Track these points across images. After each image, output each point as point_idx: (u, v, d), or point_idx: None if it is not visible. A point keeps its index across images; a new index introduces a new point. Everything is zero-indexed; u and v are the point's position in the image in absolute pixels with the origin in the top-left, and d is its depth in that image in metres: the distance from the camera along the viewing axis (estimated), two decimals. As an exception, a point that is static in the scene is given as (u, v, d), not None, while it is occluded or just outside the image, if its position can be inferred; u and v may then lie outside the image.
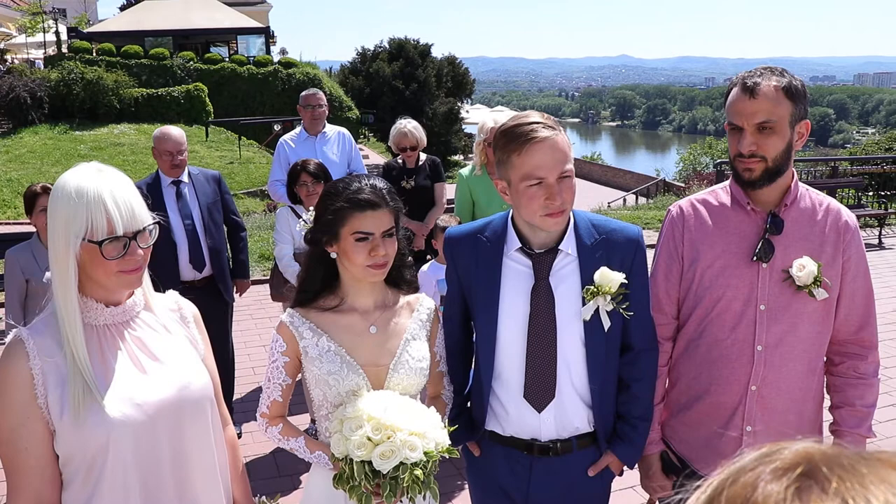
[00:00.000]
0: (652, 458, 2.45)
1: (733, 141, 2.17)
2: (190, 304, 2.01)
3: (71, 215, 1.65)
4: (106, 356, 1.74)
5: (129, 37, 31.58)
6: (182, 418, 1.79)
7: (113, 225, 1.66)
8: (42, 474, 1.67)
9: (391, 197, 2.12)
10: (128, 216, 1.68)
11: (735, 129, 2.15)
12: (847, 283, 2.25)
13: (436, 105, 40.67)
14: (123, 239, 1.68)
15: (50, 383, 1.65)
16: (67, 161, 20.85)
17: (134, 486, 1.71)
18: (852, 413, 2.29)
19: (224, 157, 23.53)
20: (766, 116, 2.09)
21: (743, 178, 2.19)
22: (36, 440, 1.66)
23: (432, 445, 1.96)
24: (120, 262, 1.69)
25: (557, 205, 2.05)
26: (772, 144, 2.12)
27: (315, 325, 2.15)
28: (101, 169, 1.72)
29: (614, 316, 2.15)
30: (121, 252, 1.69)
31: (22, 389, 1.64)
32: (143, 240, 1.73)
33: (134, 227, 1.70)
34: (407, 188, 5.50)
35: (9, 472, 1.68)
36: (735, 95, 2.15)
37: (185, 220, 4.65)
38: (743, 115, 2.12)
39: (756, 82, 2.11)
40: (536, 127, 2.05)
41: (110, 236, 1.66)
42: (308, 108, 5.77)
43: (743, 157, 2.14)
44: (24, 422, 1.65)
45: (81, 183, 1.67)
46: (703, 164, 36.67)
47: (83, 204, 1.65)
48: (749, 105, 2.10)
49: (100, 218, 1.65)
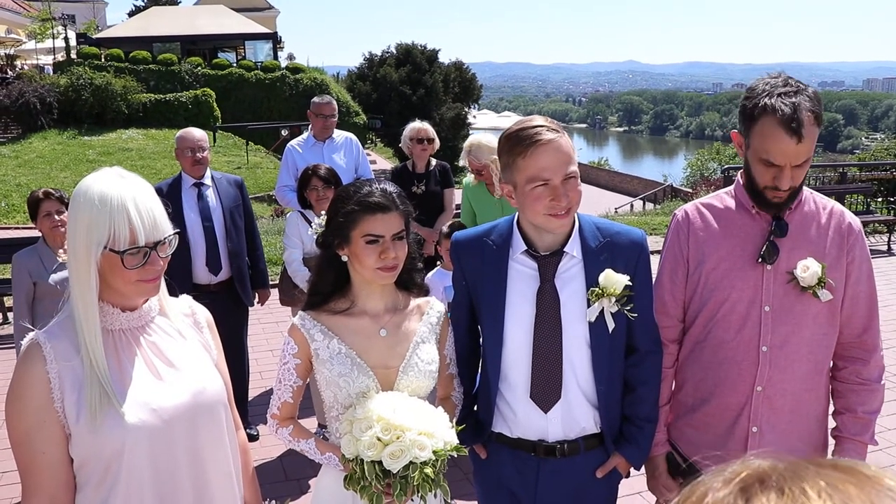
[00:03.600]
0: (658, 460, 2.46)
1: (766, 173, 2.12)
2: (203, 308, 2.02)
3: (94, 222, 1.64)
4: (122, 361, 1.75)
5: (138, 42, 31.79)
6: (197, 423, 1.80)
7: (135, 235, 1.66)
8: (57, 477, 1.68)
9: (401, 200, 2.14)
10: (150, 226, 1.68)
11: (769, 164, 2.10)
12: (850, 285, 2.26)
13: (443, 110, 40.69)
14: (144, 249, 1.68)
15: (66, 387, 1.66)
16: (76, 166, 20.97)
17: (149, 491, 1.72)
18: (854, 420, 2.29)
19: (231, 162, 23.63)
20: (807, 156, 2.08)
21: (770, 203, 2.18)
22: (52, 443, 1.66)
23: (441, 444, 1.98)
24: (139, 271, 1.69)
25: (563, 206, 2.08)
26: (802, 174, 2.13)
27: (326, 327, 2.17)
28: (123, 175, 1.71)
29: (619, 318, 2.17)
30: (141, 262, 1.69)
31: (39, 393, 1.65)
32: (162, 250, 1.73)
33: (155, 237, 1.70)
34: (417, 193, 5.50)
35: (24, 475, 1.69)
36: (773, 133, 2.05)
37: (205, 222, 4.66)
38: (786, 156, 2.07)
39: (799, 121, 2.02)
40: (540, 130, 2.08)
41: (132, 246, 1.66)
42: (320, 118, 5.78)
43: (777, 190, 2.13)
44: (41, 425, 1.65)
45: (105, 189, 1.66)
46: (711, 170, 36.63)
47: (106, 212, 1.64)
48: (795, 149, 2.05)
49: (123, 227, 1.65)
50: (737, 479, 0.63)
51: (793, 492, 0.59)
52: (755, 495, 0.60)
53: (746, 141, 2.18)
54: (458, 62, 46.12)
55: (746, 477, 0.63)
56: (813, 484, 0.59)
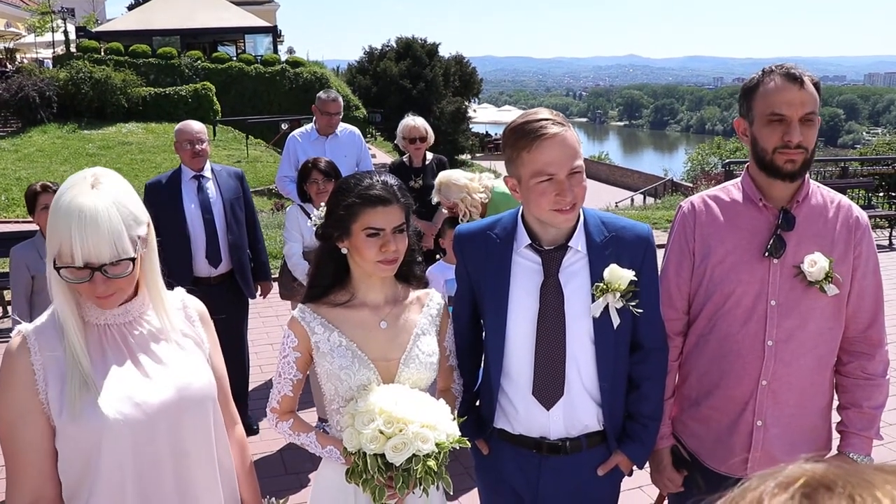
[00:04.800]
0: (663, 453, 2.44)
1: (774, 132, 2.13)
2: (196, 301, 1.99)
3: (50, 230, 1.63)
4: (107, 355, 1.73)
5: (137, 36, 31.71)
6: (182, 419, 1.77)
7: (74, 254, 1.60)
8: (41, 470, 1.67)
9: (402, 193, 2.14)
10: (92, 247, 1.59)
11: (777, 121, 2.12)
12: (857, 279, 2.25)
13: (443, 104, 40.64)
14: (85, 270, 1.62)
15: (51, 379, 1.65)
16: (76, 160, 20.94)
17: (130, 485, 1.70)
18: (860, 415, 2.28)
19: (231, 155, 23.58)
20: (812, 108, 2.10)
21: (783, 171, 2.15)
22: (36, 436, 1.66)
23: (444, 437, 1.97)
24: (88, 286, 1.64)
25: (568, 200, 2.05)
26: (812, 136, 2.13)
27: (326, 320, 2.16)
28: (96, 183, 1.64)
29: (624, 313, 2.14)
30: (79, 279, 1.63)
31: (23, 385, 1.65)
32: (114, 270, 1.64)
33: (97, 259, 1.61)
34: (415, 187, 5.50)
35: (8, 468, 1.69)
36: (778, 86, 2.12)
37: (205, 215, 4.65)
38: (792, 105, 2.09)
39: (799, 72, 2.10)
40: (546, 123, 2.05)
41: (68, 265, 1.61)
42: (325, 115, 5.73)
43: (787, 149, 2.12)
44: (25, 417, 1.65)
45: (65, 199, 1.61)
46: (712, 164, 36.56)
47: (55, 222, 1.61)
48: (798, 95, 2.09)
49: (65, 244, 1.60)
50: (796, 484, 0.59)
51: (864, 499, 0.55)
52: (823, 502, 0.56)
53: (750, 115, 2.19)
54: (458, 56, 46.05)
55: (808, 482, 0.58)
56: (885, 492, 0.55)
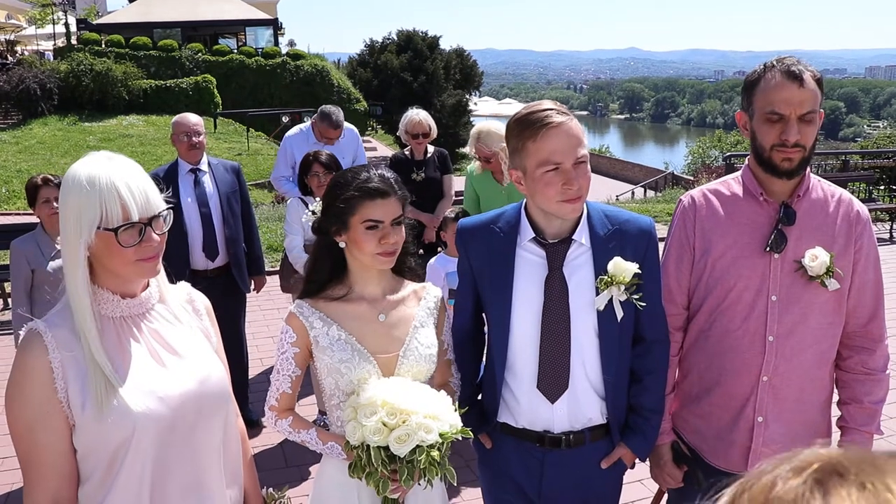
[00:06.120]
0: (663, 449, 2.44)
1: (771, 130, 2.12)
2: (202, 295, 1.99)
3: (84, 205, 1.62)
4: (125, 348, 1.72)
5: (138, 28, 31.60)
6: (202, 411, 1.78)
7: (128, 211, 1.63)
8: (60, 469, 1.65)
9: (399, 186, 2.15)
10: (142, 201, 1.66)
11: (775, 119, 2.11)
12: (857, 273, 2.24)
13: (444, 97, 40.55)
14: (139, 225, 1.66)
15: (70, 376, 1.63)
16: (77, 152, 20.91)
17: (149, 478, 1.69)
18: (860, 410, 2.28)
19: (232, 148, 23.54)
20: (811, 106, 2.09)
21: (780, 169, 2.15)
22: (55, 435, 1.63)
23: (447, 427, 1.97)
24: (137, 249, 1.67)
25: (574, 190, 2.05)
26: (811, 134, 2.12)
27: (325, 314, 2.16)
28: (111, 157, 1.70)
29: (627, 306, 2.15)
30: (136, 239, 1.66)
31: (42, 383, 1.62)
32: (157, 226, 1.71)
33: (149, 212, 1.67)
34: (417, 180, 5.50)
35: (25, 467, 1.66)
36: (777, 83, 2.10)
37: (202, 208, 4.66)
38: (791, 104, 2.08)
39: (800, 70, 2.09)
40: (550, 113, 2.05)
41: (126, 223, 1.64)
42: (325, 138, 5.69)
43: (785, 147, 2.11)
44: (44, 416, 1.62)
45: (93, 171, 1.64)
46: (712, 158, 36.54)
47: (96, 192, 1.62)
48: (798, 93, 2.08)
49: (114, 205, 1.62)
50: (809, 468, 0.59)
51: (875, 487, 0.55)
52: (834, 488, 0.56)
53: (750, 110, 2.19)
54: (459, 49, 45.90)
55: (821, 467, 0.58)
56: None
